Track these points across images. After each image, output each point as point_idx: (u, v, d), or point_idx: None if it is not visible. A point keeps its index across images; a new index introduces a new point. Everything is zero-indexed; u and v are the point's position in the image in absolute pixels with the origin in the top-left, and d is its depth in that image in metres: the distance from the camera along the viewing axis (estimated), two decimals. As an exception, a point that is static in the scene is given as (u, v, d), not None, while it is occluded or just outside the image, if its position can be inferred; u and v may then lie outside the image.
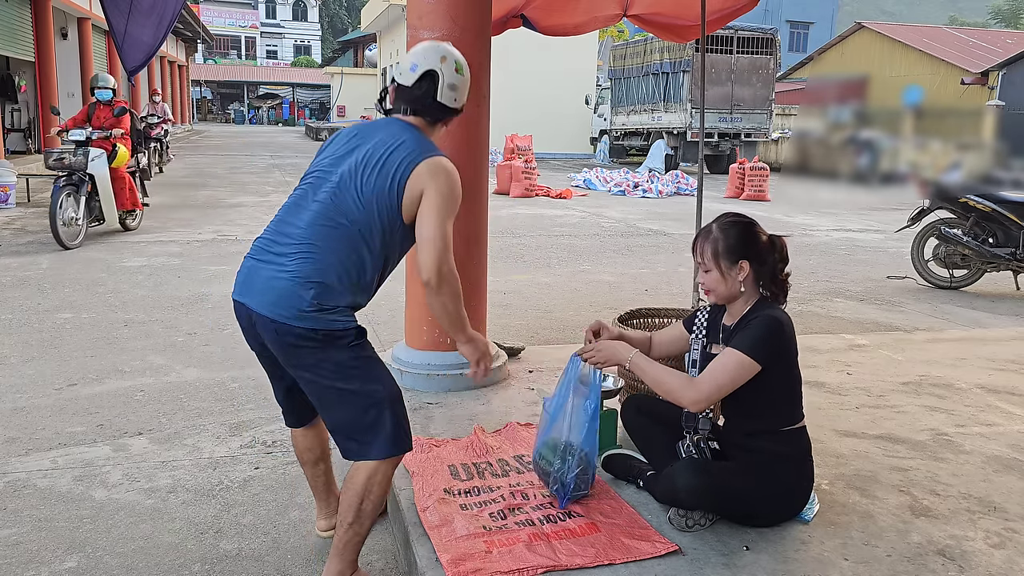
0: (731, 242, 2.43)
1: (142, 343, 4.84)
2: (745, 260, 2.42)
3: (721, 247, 2.43)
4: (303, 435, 2.51)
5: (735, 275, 2.43)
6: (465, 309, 2.34)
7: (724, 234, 2.44)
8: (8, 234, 8.48)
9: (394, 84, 2.39)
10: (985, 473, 2.92)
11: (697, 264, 2.50)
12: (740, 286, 2.44)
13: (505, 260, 7.82)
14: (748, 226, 2.47)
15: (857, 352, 4.55)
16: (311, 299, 2.09)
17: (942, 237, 7.13)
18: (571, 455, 2.46)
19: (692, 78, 19.46)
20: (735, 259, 2.42)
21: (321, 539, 2.67)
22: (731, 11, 5.03)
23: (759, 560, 2.25)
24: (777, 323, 2.38)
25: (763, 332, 2.34)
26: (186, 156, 21.36)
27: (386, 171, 2.18)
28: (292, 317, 2.10)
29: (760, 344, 2.32)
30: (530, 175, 14.09)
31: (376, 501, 2.21)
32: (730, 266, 2.43)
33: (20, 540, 2.63)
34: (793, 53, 41.20)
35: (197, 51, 46.23)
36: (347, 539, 2.23)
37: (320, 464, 2.57)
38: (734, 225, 2.46)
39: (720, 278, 2.45)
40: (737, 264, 2.42)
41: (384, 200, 2.18)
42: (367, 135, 2.30)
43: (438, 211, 2.18)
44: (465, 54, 3.53)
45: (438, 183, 2.19)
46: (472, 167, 3.62)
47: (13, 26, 16.12)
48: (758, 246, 2.45)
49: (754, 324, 2.37)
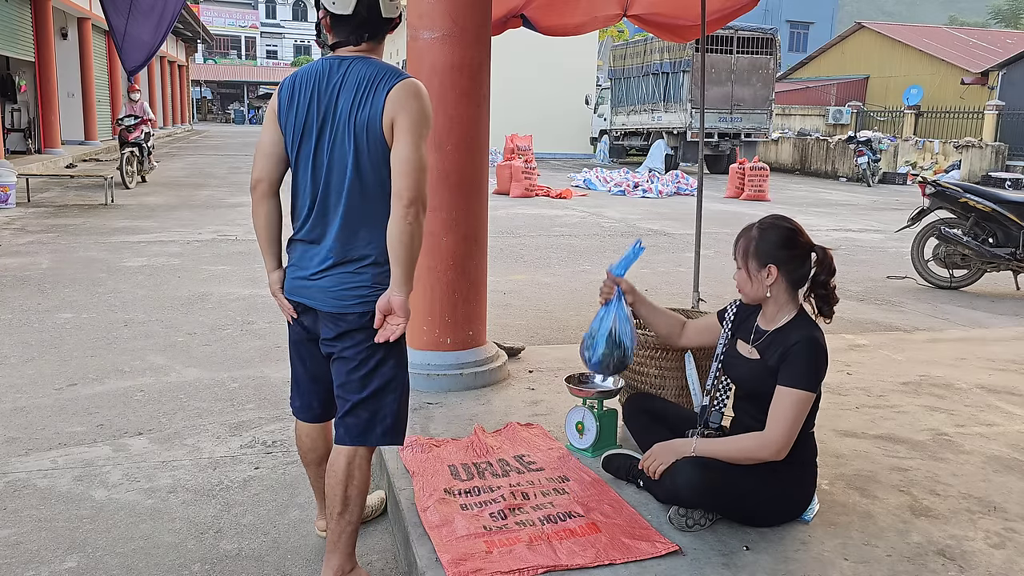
0: (764, 245, 2.40)
1: (142, 343, 4.84)
2: (774, 265, 2.39)
3: (753, 248, 2.41)
4: (309, 433, 2.50)
5: (762, 278, 2.41)
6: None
7: (761, 235, 2.41)
8: (8, 234, 8.48)
9: (327, 15, 2.20)
10: (985, 473, 2.92)
11: (734, 260, 2.49)
12: (767, 291, 2.42)
13: (505, 260, 7.82)
14: (788, 231, 2.42)
15: (857, 352, 4.55)
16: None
17: (942, 237, 7.13)
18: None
19: (692, 78, 19.45)
20: (764, 262, 2.40)
21: (321, 539, 2.66)
22: (731, 11, 5.04)
23: (759, 560, 2.25)
24: (821, 348, 2.35)
25: (812, 362, 2.32)
26: (186, 156, 21.37)
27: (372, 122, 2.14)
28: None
29: (812, 376, 2.32)
30: (530, 175, 14.09)
31: (360, 486, 2.24)
32: (758, 268, 2.41)
33: (20, 540, 2.63)
34: (793, 53, 41.20)
35: (197, 51, 46.23)
36: (340, 530, 2.25)
37: (324, 464, 2.57)
38: (773, 228, 2.42)
39: (747, 278, 2.44)
40: (765, 267, 2.40)
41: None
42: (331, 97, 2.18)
43: (420, 136, 2.12)
44: (465, 54, 3.56)
45: (416, 104, 2.12)
46: (472, 167, 3.62)
47: (13, 26, 16.12)
48: (793, 253, 2.40)
49: (799, 352, 2.33)
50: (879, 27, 33.68)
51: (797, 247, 2.42)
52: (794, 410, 2.29)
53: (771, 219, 2.46)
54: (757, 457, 2.33)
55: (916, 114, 25.46)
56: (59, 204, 11.03)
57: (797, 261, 2.41)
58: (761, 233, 2.42)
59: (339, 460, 2.23)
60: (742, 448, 2.35)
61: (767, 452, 2.31)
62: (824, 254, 2.44)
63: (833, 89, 31.79)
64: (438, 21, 3.48)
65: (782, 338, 2.40)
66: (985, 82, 26.16)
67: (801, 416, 2.31)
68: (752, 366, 2.47)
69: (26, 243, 7.98)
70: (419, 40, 3.54)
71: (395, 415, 2.25)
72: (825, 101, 31.12)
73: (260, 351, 4.69)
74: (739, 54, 19.55)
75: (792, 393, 2.30)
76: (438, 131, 3.53)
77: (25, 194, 11.17)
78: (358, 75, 2.15)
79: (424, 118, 2.13)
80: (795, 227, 2.45)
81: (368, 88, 2.13)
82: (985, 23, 56.94)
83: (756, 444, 2.32)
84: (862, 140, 19.75)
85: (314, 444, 2.51)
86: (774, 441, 2.30)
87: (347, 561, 2.28)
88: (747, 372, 2.49)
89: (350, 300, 2.18)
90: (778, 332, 2.43)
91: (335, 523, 2.24)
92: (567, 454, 2.92)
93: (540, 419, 3.30)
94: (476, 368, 3.69)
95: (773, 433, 2.30)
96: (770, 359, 2.40)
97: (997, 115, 22.86)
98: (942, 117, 25.24)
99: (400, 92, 2.11)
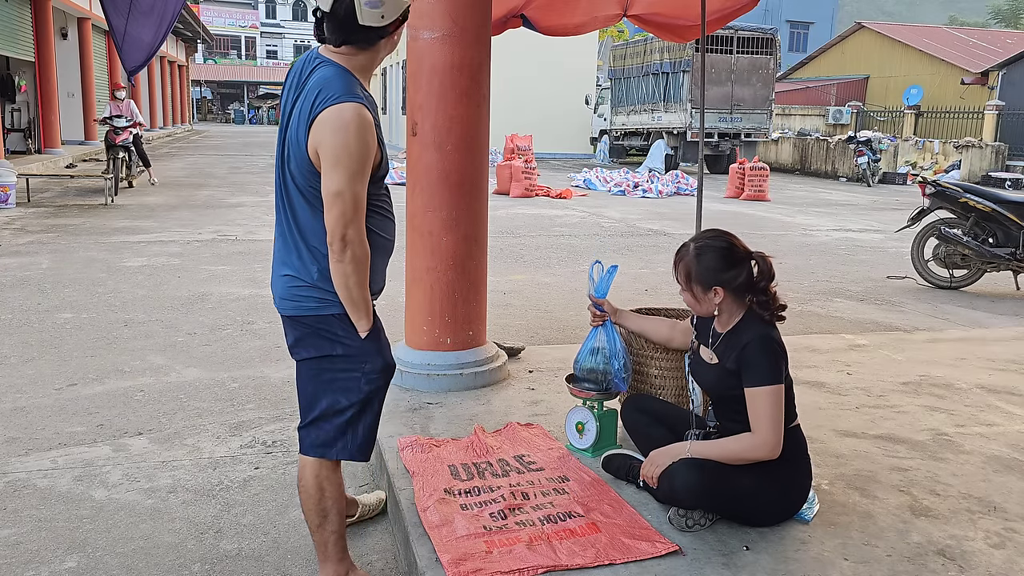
0: (704, 269, 2.42)
1: (142, 343, 4.84)
2: (718, 286, 2.42)
3: (694, 273, 2.44)
4: None
5: (710, 299, 2.45)
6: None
7: (698, 259, 2.43)
8: (8, 234, 8.48)
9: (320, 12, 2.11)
10: (985, 473, 2.92)
11: (677, 282, 2.53)
12: (715, 309, 2.46)
13: (505, 260, 7.82)
14: (724, 250, 2.43)
15: (857, 352, 4.55)
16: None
17: (942, 237, 7.13)
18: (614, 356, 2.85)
19: (692, 78, 19.45)
20: (708, 286, 2.43)
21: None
22: (731, 11, 5.04)
23: (759, 560, 2.25)
24: (771, 341, 2.39)
25: (769, 358, 2.35)
26: (186, 156, 21.37)
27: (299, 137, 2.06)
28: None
29: (771, 370, 2.35)
30: (530, 175, 14.08)
31: (334, 496, 2.24)
32: (704, 292, 2.45)
33: (20, 540, 2.63)
34: (793, 53, 41.20)
35: (197, 51, 46.22)
36: (324, 540, 2.26)
37: None
38: (710, 250, 2.43)
39: (694, 301, 2.49)
40: (711, 290, 2.43)
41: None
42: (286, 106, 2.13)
43: (335, 167, 1.98)
44: (465, 54, 3.56)
45: (330, 136, 1.98)
46: (472, 167, 3.62)
47: (13, 26, 16.12)
48: (734, 271, 2.42)
49: (753, 351, 2.36)
50: (879, 27, 33.68)
51: (736, 263, 2.43)
52: (770, 406, 2.32)
53: (705, 240, 2.47)
54: (752, 458, 2.34)
55: (916, 114, 25.46)
56: (59, 204, 11.03)
57: (740, 275, 2.43)
58: (699, 258, 2.44)
59: (307, 475, 2.23)
60: (736, 449, 2.36)
61: (761, 452, 2.33)
62: (763, 261, 2.47)
63: (833, 89, 31.79)
64: (438, 21, 3.48)
65: (735, 340, 2.44)
66: (985, 82, 26.15)
67: (779, 409, 2.33)
68: (715, 371, 2.51)
69: (26, 243, 7.98)
70: (419, 40, 3.53)
71: (357, 432, 2.20)
72: (825, 101, 31.12)
73: (260, 351, 4.69)
74: (739, 54, 19.54)
75: (760, 392, 2.33)
76: (438, 131, 3.54)
77: (25, 194, 11.17)
78: (314, 82, 2.06)
79: (346, 152, 1.98)
80: (729, 242, 2.46)
81: (311, 103, 2.02)
82: (985, 23, 56.94)
83: (749, 445, 2.34)
84: (862, 140, 19.74)
85: None
86: (764, 441, 2.32)
87: (340, 565, 2.29)
88: (711, 377, 2.53)
89: (298, 301, 2.14)
90: (730, 334, 2.47)
91: (317, 535, 2.26)
92: (567, 454, 2.92)
93: (540, 419, 3.30)
94: (476, 368, 3.69)
95: (761, 433, 2.32)
96: (727, 362, 2.43)
97: (997, 115, 22.85)
98: (942, 117, 25.23)
99: (323, 120, 1.99)
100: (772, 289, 2.46)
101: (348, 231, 2.01)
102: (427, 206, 3.59)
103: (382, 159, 2.13)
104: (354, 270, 2.04)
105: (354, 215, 2.01)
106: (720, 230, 2.52)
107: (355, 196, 2.01)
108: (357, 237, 2.03)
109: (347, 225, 2.00)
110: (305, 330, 2.15)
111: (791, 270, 7.87)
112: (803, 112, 28.88)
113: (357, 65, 2.11)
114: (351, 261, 2.03)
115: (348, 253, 2.02)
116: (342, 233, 2.00)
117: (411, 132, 3.60)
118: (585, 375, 2.93)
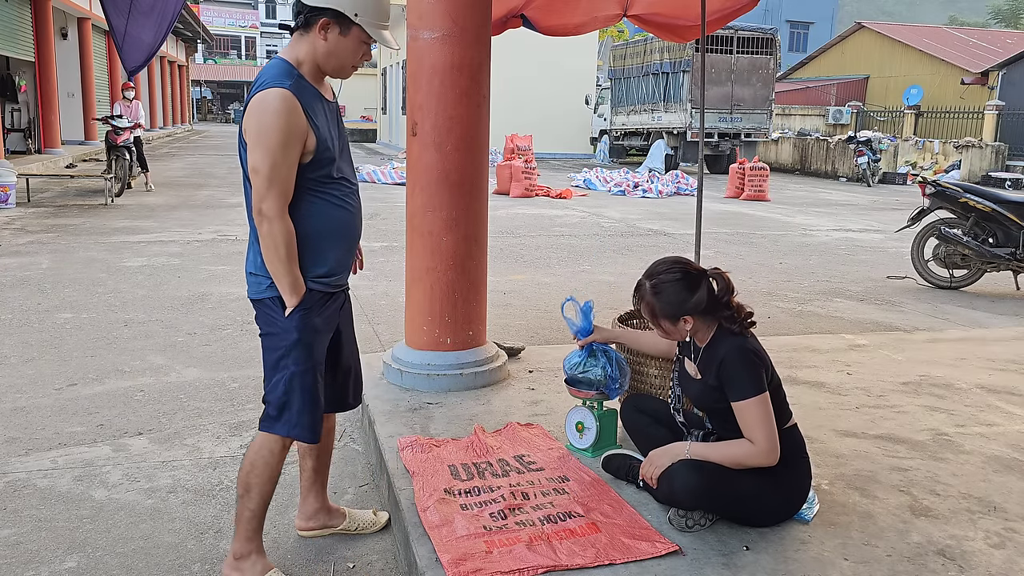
0: (666, 304, 2.43)
1: (142, 343, 4.84)
2: (686, 315, 2.43)
3: (658, 309, 2.45)
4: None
5: (681, 327, 2.46)
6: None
7: (656, 297, 2.44)
8: (8, 234, 8.48)
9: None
10: (985, 473, 2.92)
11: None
12: (687, 335, 2.48)
13: (505, 260, 7.82)
14: (680, 281, 2.43)
15: (857, 352, 4.55)
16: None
17: (942, 237, 7.13)
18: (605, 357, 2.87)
19: (692, 78, 19.45)
20: (676, 317, 2.44)
21: (319, 538, 2.67)
22: (731, 11, 5.04)
23: (759, 560, 2.25)
24: (747, 351, 2.39)
25: (747, 370, 2.36)
26: (186, 156, 21.37)
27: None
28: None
29: (752, 380, 2.35)
30: (530, 175, 14.09)
31: (263, 474, 2.29)
32: (672, 324, 2.46)
33: (20, 540, 2.63)
34: (793, 53, 41.21)
35: (197, 51, 46.23)
36: (240, 511, 2.32)
37: (307, 459, 2.62)
38: (665, 284, 2.43)
39: (666, 333, 2.51)
40: (679, 320, 2.44)
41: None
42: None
43: (254, 146, 2.14)
44: (465, 54, 3.56)
45: (250, 119, 2.15)
46: (472, 167, 3.62)
47: (13, 26, 16.12)
48: (695, 295, 2.42)
49: (729, 365, 2.37)
50: (879, 27, 33.68)
51: (695, 287, 2.43)
52: (758, 417, 2.33)
53: (659, 276, 2.46)
54: (751, 464, 2.35)
55: (916, 114, 25.46)
56: (59, 204, 11.03)
57: (702, 298, 2.43)
58: (657, 295, 2.44)
59: (251, 444, 2.33)
60: (736, 454, 2.37)
61: (760, 460, 2.34)
62: (720, 278, 2.47)
63: (833, 89, 31.79)
64: (438, 21, 3.48)
65: (712, 354, 2.45)
66: (985, 82, 26.16)
67: (768, 417, 2.34)
68: (698, 386, 2.52)
69: (26, 243, 7.99)
70: (419, 40, 3.53)
71: (292, 411, 2.27)
72: (825, 101, 31.12)
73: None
74: (739, 54, 19.55)
75: (746, 404, 2.34)
76: (438, 131, 3.54)
77: (25, 194, 11.17)
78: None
79: (263, 131, 2.11)
80: (684, 270, 2.45)
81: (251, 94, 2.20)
82: (985, 23, 56.93)
83: (749, 452, 2.35)
84: (862, 140, 19.74)
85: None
86: (761, 449, 2.33)
87: (246, 544, 2.33)
88: (696, 391, 2.54)
89: (249, 284, 2.33)
90: (708, 348, 2.48)
91: (238, 505, 2.32)
92: (567, 454, 2.92)
93: (540, 419, 3.30)
94: (476, 368, 3.69)
95: (758, 443, 2.33)
96: (709, 378, 2.45)
97: (997, 115, 22.85)
98: (942, 117, 25.23)
99: (249, 106, 2.16)
100: (735, 302, 2.47)
101: (263, 205, 2.14)
102: (427, 206, 3.59)
103: (318, 145, 2.21)
104: (271, 244, 2.17)
105: (268, 191, 2.13)
106: (671, 259, 2.51)
107: (271, 173, 2.13)
108: (273, 213, 2.15)
109: (261, 199, 2.14)
110: (256, 310, 2.34)
111: (791, 270, 7.88)
112: (803, 112, 28.89)
113: (302, 54, 2.23)
114: (268, 235, 2.16)
115: (264, 227, 2.16)
116: (257, 207, 2.15)
117: (411, 132, 3.60)
118: (577, 380, 2.93)
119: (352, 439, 3.51)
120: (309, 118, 2.17)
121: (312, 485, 2.65)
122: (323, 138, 2.22)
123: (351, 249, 2.42)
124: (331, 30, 2.20)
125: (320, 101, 2.26)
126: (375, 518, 2.76)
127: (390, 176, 15.49)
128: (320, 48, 2.22)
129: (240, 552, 2.34)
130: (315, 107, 2.22)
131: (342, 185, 2.32)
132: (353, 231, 2.40)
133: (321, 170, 2.25)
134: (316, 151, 2.21)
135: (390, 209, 11.27)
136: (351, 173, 2.40)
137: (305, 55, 2.23)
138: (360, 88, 41.98)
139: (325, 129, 2.24)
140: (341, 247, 2.35)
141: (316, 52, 2.23)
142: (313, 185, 2.24)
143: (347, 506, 2.83)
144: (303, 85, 2.20)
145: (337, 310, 2.43)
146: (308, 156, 2.20)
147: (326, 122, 2.27)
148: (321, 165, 2.24)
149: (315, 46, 2.22)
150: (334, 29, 2.20)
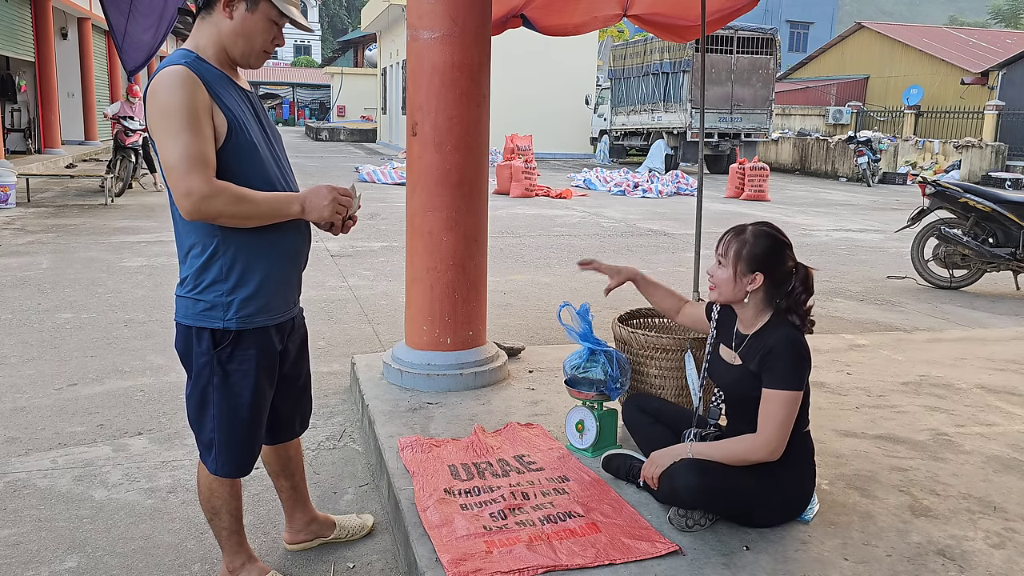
0: (757, 251, 2.40)
1: (142, 343, 4.84)
2: (761, 273, 2.40)
3: (746, 251, 2.41)
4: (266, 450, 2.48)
5: (746, 283, 2.41)
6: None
7: (755, 240, 2.42)
8: (8, 234, 8.48)
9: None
10: (985, 473, 2.92)
11: (716, 257, 2.49)
12: (746, 296, 2.43)
13: (505, 260, 7.82)
14: (780, 244, 2.43)
15: (857, 352, 4.55)
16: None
17: (942, 237, 7.13)
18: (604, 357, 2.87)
19: (692, 78, 19.44)
20: (753, 268, 2.40)
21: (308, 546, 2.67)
22: (731, 11, 5.04)
23: (759, 560, 2.25)
24: (800, 345, 2.36)
25: (793, 361, 2.33)
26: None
27: None
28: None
29: (795, 375, 2.32)
30: (530, 175, 14.08)
31: (222, 498, 2.24)
32: (745, 272, 2.41)
33: (20, 540, 2.63)
34: (793, 53, 41.20)
35: (197, 51, 46.11)
36: (217, 532, 2.31)
37: (281, 479, 2.54)
38: (767, 236, 2.43)
39: (731, 278, 2.43)
40: (753, 273, 2.40)
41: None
42: None
43: (160, 134, 1.90)
44: (465, 54, 3.56)
45: (149, 110, 1.93)
46: (472, 167, 3.62)
47: (13, 26, 16.13)
48: (781, 266, 2.41)
49: (779, 353, 2.33)
50: (879, 27, 33.68)
51: (786, 261, 2.43)
52: (783, 411, 2.31)
53: (766, 227, 2.46)
54: (751, 459, 2.34)
55: (916, 114, 25.46)
56: (59, 204, 11.03)
57: (782, 274, 2.42)
58: (755, 239, 2.42)
59: (199, 474, 2.27)
60: (736, 451, 2.36)
61: (760, 454, 2.32)
62: (806, 272, 2.46)
63: (833, 89, 31.80)
64: (438, 21, 3.48)
65: (760, 341, 2.41)
66: (985, 82, 26.16)
67: (791, 416, 2.32)
68: (736, 372, 2.49)
69: (26, 243, 7.98)
70: (419, 40, 3.53)
71: (218, 442, 2.15)
72: (825, 101, 31.12)
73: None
74: (739, 54, 19.54)
75: (778, 395, 2.31)
76: (438, 131, 3.54)
77: (25, 194, 11.17)
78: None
79: (161, 114, 1.90)
80: (787, 241, 2.47)
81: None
82: (985, 23, 56.96)
83: (749, 447, 2.33)
84: (862, 140, 19.74)
85: (268, 458, 2.50)
86: (766, 443, 2.31)
87: (235, 557, 2.33)
88: (732, 378, 2.51)
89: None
90: (756, 336, 2.44)
91: (212, 527, 2.31)
92: (567, 454, 2.92)
93: (540, 419, 3.30)
94: (476, 368, 3.69)
95: (764, 435, 2.31)
96: (751, 363, 2.41)
97: (997, 115, 22.85)
98: (942, 117, 25.23)
99: (146, 99, 1.97)
100: (809, 304, 2.45)
101: (191, 187, 1.88)
102: (427, 206, 3.59)
103: (231, 128, 1.97)
104: (228, 209, 1.92)
105: (188, 171, 1.87)
106: (780, 228, 2.50)
107: (185, 152, 1.87)
108: (204, 189, 1.88)
109: (186, 184, 1.88)
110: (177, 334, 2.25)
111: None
112: (803, 112, 28.88)
113: (203, 40, 2.04)
114: (219, 213, 1.92)
115: (207, 209, 1.90)
116: (186, 195, 1.88)
117: (411, 132, 3.60)
118: (578, 381, 2.92)
119: (352, 439, 3.51)
120: (215, 96, 1.95)
121: (295, 502, 2.57)
122: (237, 120, 1.98)
123: (287, 273, 2.13)
124: (237, 6, 2.00)
125: (231, 86, 2.04)
126: (360, 520, 2.72)
127: (390, 176, 15.49)
128: (225, 28, 2.01)
129: (232, 565, 2.32)
130: (223, 89, 1.99)
131: (276, 188, 2.06)
132: (289, 248, 2.11)
133: (244, 163, 2.00)
134: (230, 135, 1.96)
135: (390, 209, 11.27)
136: (289, 180, 2.15)
137: (207, 39, 2.03)
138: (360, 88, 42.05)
139: (240, 114, 2.01)
140: (273, 265, 2.07)
141: (221, 34, 2.02)
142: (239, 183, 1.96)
143: (347, 506, 2.83)
144: (204, 66, 1.98)
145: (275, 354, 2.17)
146: (221, 141, 1.95)
147: (240, 108, 2.03)
148: (241, 156, 1.99)
149: (219, 27, 2.01)
150: (240, 5, 2.00)
